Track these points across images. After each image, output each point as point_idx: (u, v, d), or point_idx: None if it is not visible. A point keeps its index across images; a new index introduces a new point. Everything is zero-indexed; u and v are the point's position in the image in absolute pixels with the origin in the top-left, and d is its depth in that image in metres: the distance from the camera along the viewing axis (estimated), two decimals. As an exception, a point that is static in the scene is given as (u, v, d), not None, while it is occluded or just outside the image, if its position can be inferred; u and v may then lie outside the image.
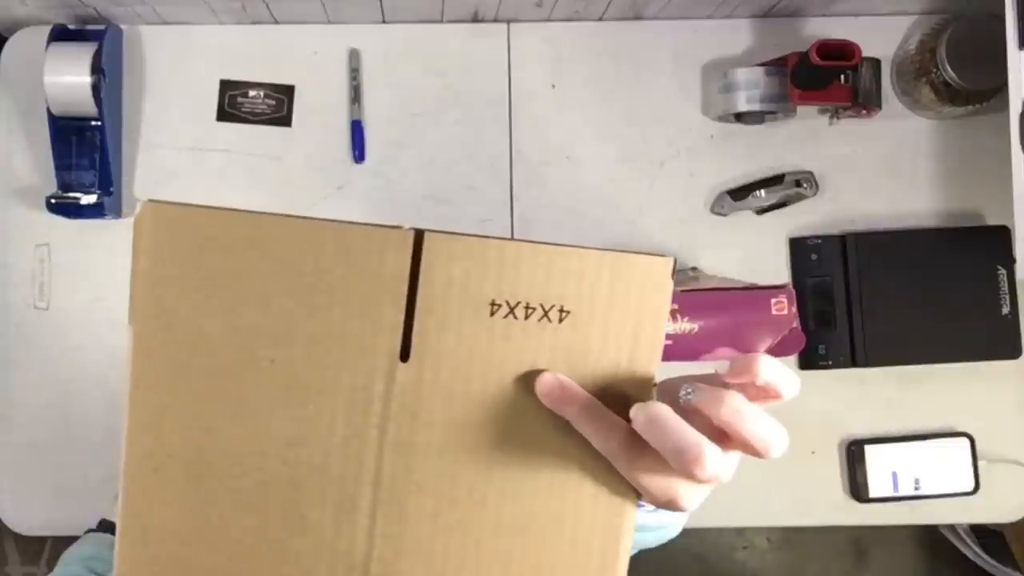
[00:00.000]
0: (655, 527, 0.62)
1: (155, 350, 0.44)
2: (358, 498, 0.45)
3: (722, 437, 0.43)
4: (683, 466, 0.41)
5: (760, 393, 0.44)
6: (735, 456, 0.44)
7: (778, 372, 0.43)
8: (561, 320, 0.44)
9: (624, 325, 0.44)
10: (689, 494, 0.44)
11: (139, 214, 0.43)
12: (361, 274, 0.43)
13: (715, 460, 0.41)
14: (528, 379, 0.44)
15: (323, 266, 0.43)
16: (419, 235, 0.43)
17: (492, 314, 0.44)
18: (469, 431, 0.45)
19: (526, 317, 0.44)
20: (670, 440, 0.41)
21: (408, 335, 0.44)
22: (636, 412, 0.43)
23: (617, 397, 0.44)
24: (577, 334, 0.44)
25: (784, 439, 0.43)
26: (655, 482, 0.43)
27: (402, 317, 0.43)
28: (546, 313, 0.44)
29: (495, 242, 0.43)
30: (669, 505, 0.44)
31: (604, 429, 0.43)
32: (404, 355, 0.44)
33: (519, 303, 0.43)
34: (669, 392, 0.45)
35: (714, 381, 0.45)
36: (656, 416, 0.42)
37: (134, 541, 0.46)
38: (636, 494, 0.45)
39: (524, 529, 0.46)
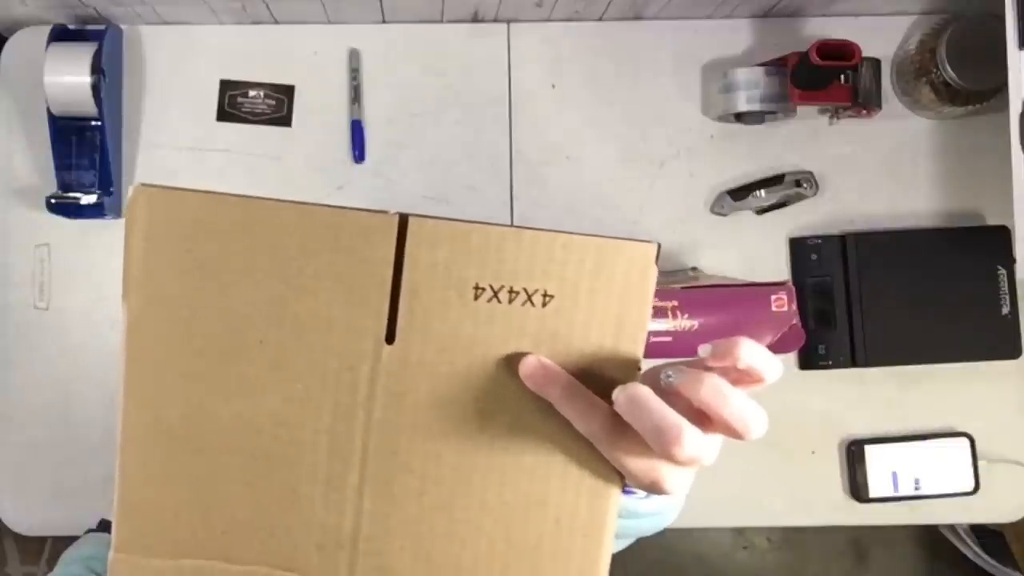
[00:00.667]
0: (648, 513, 0.62)
1: (149, 330, 0.45)
2: (346, 476, 0.46)
3: (703, 419, 0.43)
4: (663, 447, 0.41)
5: (742, 376, 0.44)
6: (716, 439, 0.44)
7: (760, 356, 0.43)
8: (545, 304, 0.44)
9: (608, 310, 0.44)
10: (671, 476, 0.44)
11: (131, 198, 0.44)
12: (348, 258, 0.43)
13: (695, 441, 0.41)
14: (512, 362, 0.44)
15: (310, 250, 0.43)
16: (404, 220, 0.43)
17: (476, 298, 0.44)
18: (453, 412, 0.45)
19: (510, 301, 0.44)
20: (650, 421, 0.41)
21: (393, 318, 0.44)
22: (617, 393, 0.43)
23: (601, 380, 0.45)
24: (561, 318, 0.44)
25: (763, 420, 0.43)
26: (637, 464, 0.43)
27: (387, 300, 0.44)
28: (529, 297, 0.44)
29: (479, 227, 0.43)
30: (652, 488, 0.44)
31: (586, 411, 0.43)
32: (390, 337, 0.44)
33: (503, 287, 0.44)
34: (653, 378, 0.45)
35: (696, 365, 0.45)
36: (636, 397, 0.42)
37: (130, 515, 0.47)
38: (621, 477, 0.45)
39: (509, 509, 0.46)
